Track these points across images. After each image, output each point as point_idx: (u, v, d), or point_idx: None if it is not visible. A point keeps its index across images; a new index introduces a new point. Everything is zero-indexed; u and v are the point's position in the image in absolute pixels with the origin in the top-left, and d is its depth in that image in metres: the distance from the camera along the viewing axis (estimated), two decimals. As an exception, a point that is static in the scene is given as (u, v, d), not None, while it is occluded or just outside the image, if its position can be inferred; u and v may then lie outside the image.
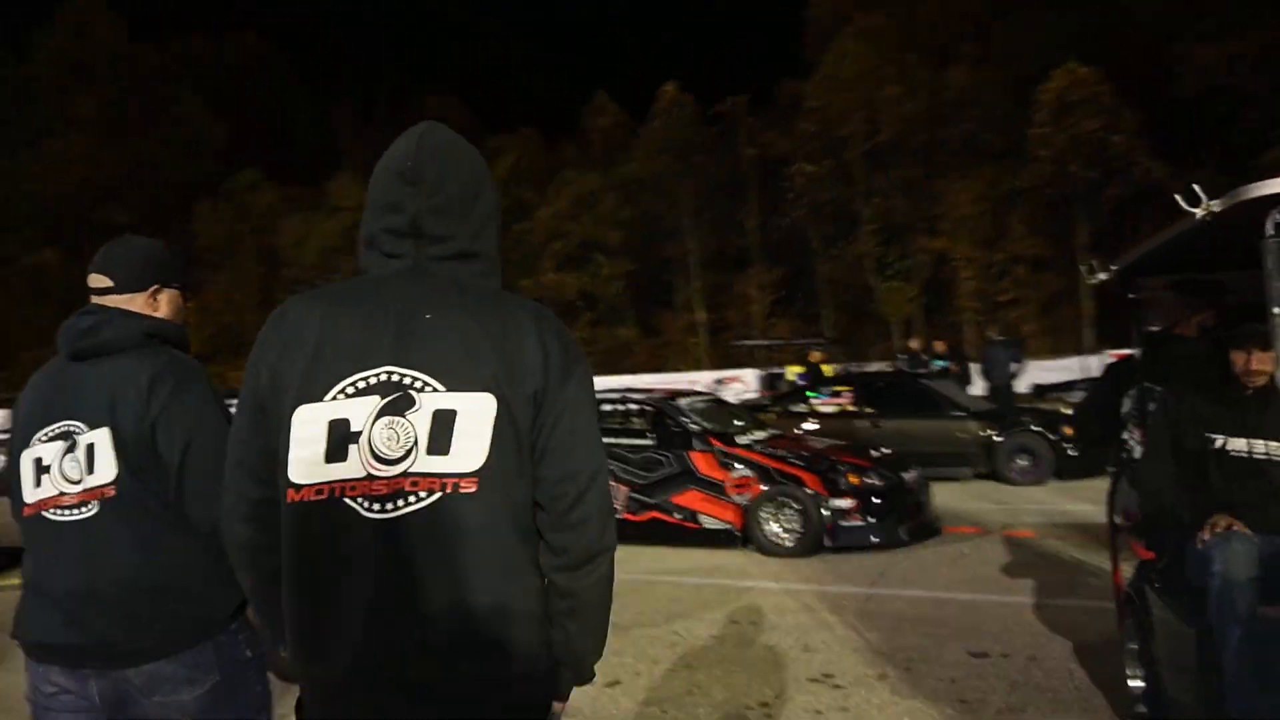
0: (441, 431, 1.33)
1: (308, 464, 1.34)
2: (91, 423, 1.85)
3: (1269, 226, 2.41)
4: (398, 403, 1.34)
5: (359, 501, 1.32)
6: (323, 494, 1.33)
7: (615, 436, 8.30)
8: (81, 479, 1.84)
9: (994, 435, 10.94)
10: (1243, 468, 3.21)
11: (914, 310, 39.26)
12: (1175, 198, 2.44)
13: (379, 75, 61.33)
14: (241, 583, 1.53)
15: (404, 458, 1.33)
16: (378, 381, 1.35)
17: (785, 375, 19.47)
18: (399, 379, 1.35)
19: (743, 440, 8.15)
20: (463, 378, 1.35)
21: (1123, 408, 4.08)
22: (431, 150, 1.47)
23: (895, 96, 35.98)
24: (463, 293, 1.43)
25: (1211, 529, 3.02)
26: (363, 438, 1.33)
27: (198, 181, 48.73)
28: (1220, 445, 3.23)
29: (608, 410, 8.65)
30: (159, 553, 1.84)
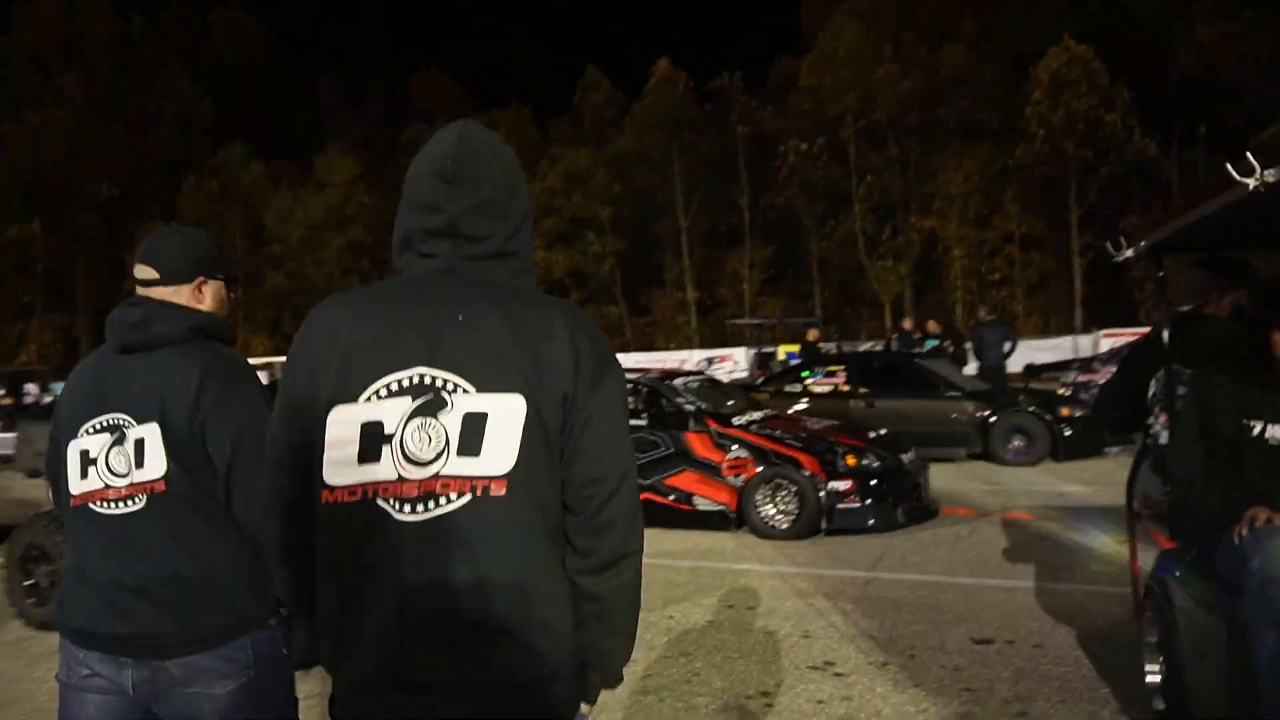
0: (472, 433, 1.33)
1: (341, 465, 1.36)
2: (140, 417, 1.87)
3: None
4: (430, 404, 1.35)
5: (391, 503, 1.33)
6: (356, 495, 1.35)
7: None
8: (129, 472, 1.87)
9: (989, 416, 10.85)
10: None
11: (905, 289, 39.27)
12: (1227, 166, 2.23)
13: (369, 50, 60.73)
14: (276, 580, 1.55)
15: (435, 459, 1.34)
16: (410, 383, 1.35)
17: (776, 355, 19.41)
18: (431, 380, 1.35)
19: (739, 421, 8.03)
20: (494, 379, 1.35)
21: (1149, 391, 3.93)
22: (471, 150, 1.47)
23: (891, 75, 35.81)
24: (496, 293, 1.42)
25: (1250, 523, 2.79)
26: (395, 439, 1.34)
27: (184, 157, 48.25)
28: (1259, 432, 3.01)
29: None
30: (204, 548, 1.87)
